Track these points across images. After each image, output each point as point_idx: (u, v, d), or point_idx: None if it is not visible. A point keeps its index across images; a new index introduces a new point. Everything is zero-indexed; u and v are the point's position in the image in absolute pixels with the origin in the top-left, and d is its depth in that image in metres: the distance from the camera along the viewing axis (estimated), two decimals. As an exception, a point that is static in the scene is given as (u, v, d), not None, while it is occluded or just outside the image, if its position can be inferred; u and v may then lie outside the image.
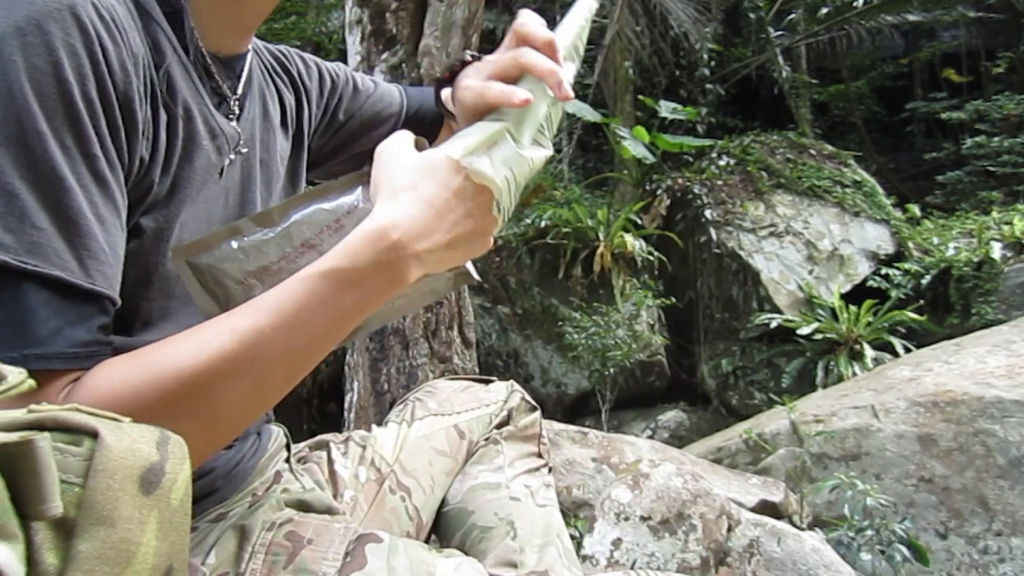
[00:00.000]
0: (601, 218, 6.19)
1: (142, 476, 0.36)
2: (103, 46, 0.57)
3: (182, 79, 0.68)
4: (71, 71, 0.55)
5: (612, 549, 2.15)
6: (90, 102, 0.56)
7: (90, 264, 0.55)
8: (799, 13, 9.61)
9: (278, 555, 0.66)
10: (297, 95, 0.91)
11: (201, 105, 0.70)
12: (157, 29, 0.67)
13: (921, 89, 11.12)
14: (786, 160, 6.95)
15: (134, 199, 0.63)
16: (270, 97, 0.85)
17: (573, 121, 8.52)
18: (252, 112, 0.80)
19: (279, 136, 0.85)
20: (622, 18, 7.87)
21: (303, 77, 0.94)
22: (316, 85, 0.95)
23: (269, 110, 0.84)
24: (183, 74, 0.68)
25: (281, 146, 0.86)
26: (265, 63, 0.88)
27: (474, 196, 0.63)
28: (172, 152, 0.66)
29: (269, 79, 0.87)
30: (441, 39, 3.67)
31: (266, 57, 0.89)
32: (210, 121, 0.71)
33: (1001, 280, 5.67)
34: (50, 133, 0.53)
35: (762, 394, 5.77)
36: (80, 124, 0.55)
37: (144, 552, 0.35)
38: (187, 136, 0.68)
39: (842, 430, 3.15)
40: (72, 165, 0.54)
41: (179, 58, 0.68)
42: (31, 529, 0.31)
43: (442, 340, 3.41)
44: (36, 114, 0.53)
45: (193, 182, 0.68)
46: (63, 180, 0.54)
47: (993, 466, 2.84)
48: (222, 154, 0.72)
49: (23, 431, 0.32)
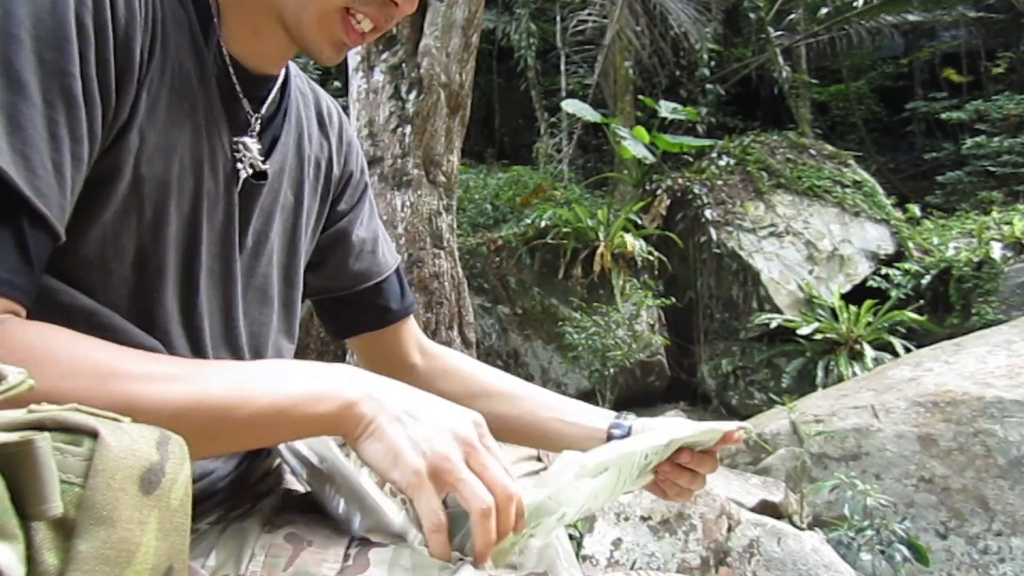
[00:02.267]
0: (601, 218, 6.19)
1: (142, 476, 0.36)
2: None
3: (197, 79, 0.68)
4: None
5: (612, 549, 2.15)
6: (83, 27, 0.56)
7: (28, 175, 0.53)
8: (799, 13, 9.61)
9: (278, 557, 0.66)
10: (329, 156, 0.89)
11: (214, 108, 0.70)
12: (185, 20, 0.67)
13: (921, 89, 11.12)
14: (786, 160, 6.95)
15: (125, 152, 0.62)
16: (307, 138, 0.84)
17: (573, 121, 8.52)
18: (287, 143, 0.79)
19: (310, 179, 0.84)
20: (622, 18, 7.88)
21: (346, 150, 0.92)
22: (343, 166, 0.92)
23: (306, 148, 0.83)
24: (199, 74, 0.68)
25: (309, 191, 0.84)
26: (313, 108, 0.87)
27: None
28: (177, 130, 0.66)
29: (316, 124, 0.87)
30: (441, 39, 3.67)
31: (317, 104, 0.88)
32: (212, 127, 0.70)
33: (1001, 280, 5.67)
34: (29, 42, 0.53)
35: (762, 394, 5.77)
36: (64, 42, 0.55)
37: (144, 552, 0.35)
38: (193, 129, 0.68)
39: (842, 430, 3.15)
40: (44, 78, 0.54)
41: (199, 57, 0.68)
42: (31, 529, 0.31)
43: (442, 340, 3.41)
44: (22, 21, 0.53)
45: (194, 175, 0.68)
46: (24, 87, 0.53)
47: (993, 466, 2.84)
48: (217, 162, 0.71)
49: (23, 431, 0.32)
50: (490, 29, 9.35)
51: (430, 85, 3.61)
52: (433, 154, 3.66)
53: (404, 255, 3.52)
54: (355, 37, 0.70)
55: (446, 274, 3.62)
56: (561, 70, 9.18)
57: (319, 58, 0.72)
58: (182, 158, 0.67)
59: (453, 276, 3.67)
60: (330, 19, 0.68)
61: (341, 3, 0.67)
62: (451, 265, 3.68)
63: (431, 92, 3.61)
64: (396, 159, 3.60)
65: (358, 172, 0.94)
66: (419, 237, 3.57)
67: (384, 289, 0.95)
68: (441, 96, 3.65)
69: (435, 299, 3.52)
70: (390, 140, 3.61)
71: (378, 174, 3.60)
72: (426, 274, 3.52)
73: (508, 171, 8.44)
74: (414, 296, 1.17)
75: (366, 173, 0.97)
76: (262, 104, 0.76)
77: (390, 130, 3.62)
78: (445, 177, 3.71)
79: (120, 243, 0.64)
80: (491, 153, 10.78)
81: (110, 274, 0.64)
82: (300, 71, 0.89)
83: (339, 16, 0.68)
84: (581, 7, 8.90)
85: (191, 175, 0.69)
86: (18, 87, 0.53)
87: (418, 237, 3.57)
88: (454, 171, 3.79)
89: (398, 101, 3.62)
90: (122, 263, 0.65)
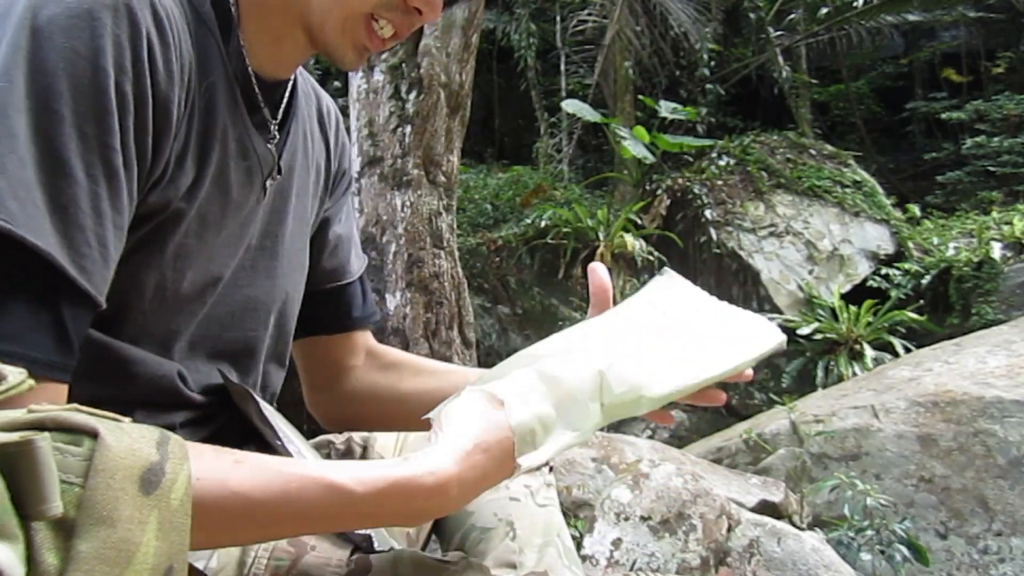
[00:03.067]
0: (601, 218, 6.19)
1: (142, 476, 0.36)
2: (150, 45, 0.57)
3: (224, 94, 0.68)
4: (111, 62, 0.54)
5: (612, 549, 2.15)
6: (123, 96, 0.56)
7: (71, 254, 0.53)
8: (799, 13, 9.61)
9: (281, 560, 0.66)
10: (328, 156, 0.90)
11: (238, 124, 0.70)
12: (210, 40, 0.67)
13: (921, 89, 11.13)
14: (786, 160, 6.95)
15: (157, 205, 0.62)
16: (310, 138, 0.85)
17: (573, 121, 8.52)
18: (294, 144, 0.80)
19: (312, 179, 0.85)
20: (622, 18, 7.88)
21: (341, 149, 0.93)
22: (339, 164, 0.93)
23: (309, 148, 0.84)
24: (226, 89, 0.68)
25: (313, 189, 0.86)
26: (315, 108, 0.88)
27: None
28: (205, 166, 0.66)
29: (317, 124, 0.87)
30: (441, 39, 3.67)
31: (318, 104, 0.89)
32: (244, 140, 0.70)
33: (1001, 280, 5.67)
34: (70, 117, 0.53)
35: (762, 394, 5.77)
36: (105, 114, 0.55)
37: (144, 552, 0.35)
38: (221, 154, 0.68)
39: (842, 430, 3.15)
40: (85, 153, 0.54)
41: (225, 72, 0.68)
42: (31, 529, 0.31)
43: (442, 340, 3.41)
44: (62, 94, 0.53)
45: (220, 201, 0.68)
46: (66, 165, 0.53)
47: (993, 466, 2.84)
48: (252, 175, 0.72)
49: (23, 431, 0.32)
50: (490, 29, 9.35)
51: (430, 85, 3.61)
52: (433, 154, 3.66)
53: (404, 255, 3.52)
54: (377, 43, 0.70)
55: (446, 274, 3.62)
56: (561, 70, 9.18)
57: (341, 63, 0.72)
58: (208, 189, 0.67)
59: (453, 276, 3.67)
60: (355, 24, 0.68)
61: (367, 8, 0.68)
62: (451, 265, 3.68)
63: (431, 92, 3.61)
64: (396, 159, 3.60)
65: (347, 169, 0.95)
66: (419, 237, 3.57)
67: (348, 292, 0.93)
68: (441, 96, 3.65)
69: (435, 299, 3.51)
70: (390, 140, 3.61)
71: (378, 174, 3.60)
72: (426, 274, 3.52)
73: (508, 171, 8.44)
74: (413, 296, 1.17)
75: (352, 171, 0.98)
76: (277, 109, 0.77)
77: (390, 130, 3.62)
78: (445, 177, 3.71)
79: (140, 279, 0.65)
80: (491, 153, 10.78)
81: (129, 309, 0.65)
82: (303, 70, 0.89)
83: (363, 21, 0.68)
84: (581, 7, 8.90)
85: (216, 204, 0.69)
86: (60, 165, 0.53)
87: (418, 237, 3.57)
88: (454, 171, 3.79)
89: (398, 101, 3.62)
90: (141, 298, 0.65)
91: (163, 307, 0.67)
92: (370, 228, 3.58)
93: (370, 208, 3.60)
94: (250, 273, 0.76)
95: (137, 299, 0.65)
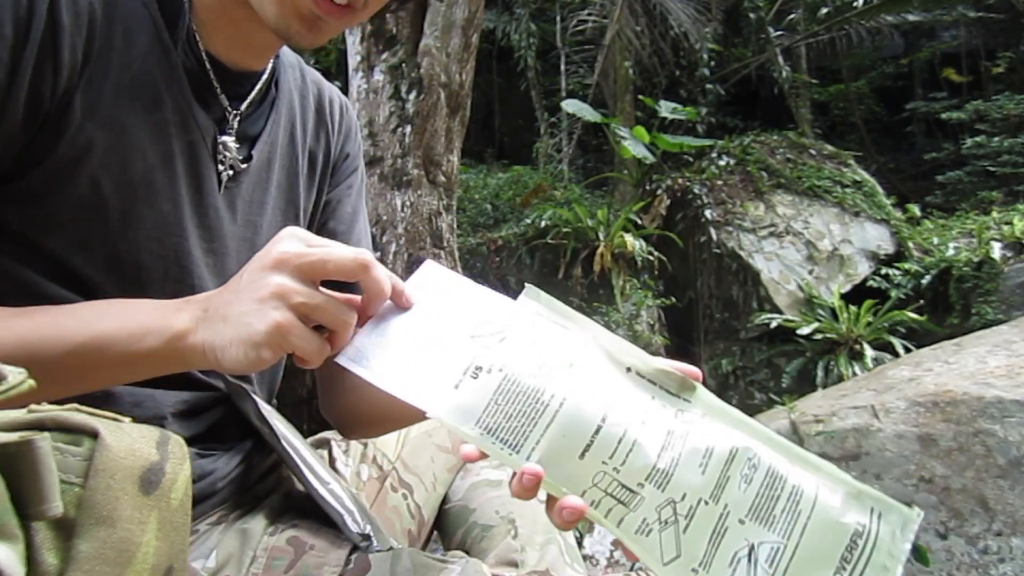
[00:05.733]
0: (601, 218, 6.19)
1: (142, 476, 0.36)
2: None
3: (159, 64, 0.67)
4: None
5: (612, 549, 2.15)
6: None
7: None
8: (799, 13, 9.61)
9: (279, 560, 0.66)
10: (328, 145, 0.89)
11: (177, 97, 0.69)
12: (139, 9, 0.66)
13: (921, 89, 11.12)
14: (786, 160, 6.95)
15: (73, 154, 0.63)
16: (300, 129, 0.84)
17: (573, 121, 8.52)
18: (274, 136, 0.79)
19: (304, 171, 0.84)
20: (622, 18, 7.87)
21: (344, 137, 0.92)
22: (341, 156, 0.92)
23: (298, 140, 0.83)
24: (161, 59, 0.67)
25: (305, 182, 0.85)
26: (312, 99, 0.87)
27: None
28: (107, 119, 0.65)
29: (314, 113, 0.86)
30: (441, 39, 3.67)
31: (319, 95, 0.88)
32: (185, 113, 0.70)
33: (1001, 280, 5.66)
34: None
35: (762, 394, 5.77)
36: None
37: (144, 552, 0.35)
38: (147, 118, 0.67)
39: (842, 430, 3.14)
40: None
41: (160, 43, 0.67)
42: (31, 529, 0.31)
43: (442, 340, 3.41)
44: None
45: (143, 164, 0.67)
46: None
47: (993, 466, 2.84)
48: (195, 148, 0.70)
49: (23, 431, 0.32)
50: (490, 29, 9.34)
51: (430, 85, 3.61)
52: (433, 154, 3.66)
53: (404, 255, 3.52)
54: (326, 6, 0.65)
55: (446, 274, 3.61)
56: (561, 70, 9.17)
57: (295, 39, 0.68)
58: (145, 158, 0.67)
59: (453, 276, 3.67)
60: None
61: None
62: (451, 265, 3.68)
63: (431, 92, 3.61)
64: (396, 159, 3.60)
65: (353, 154, 0.94)
66: (419, 237, 3.57)
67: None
68: (441, 96, 3.65)
69: (435, 299, 3.51)
70: (390, 140, 3.61)
71: (378, 174, 3.60)
72: (426, 274, 3.52)
73: (508, 171, 8.43)
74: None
75: (361, 158, 0.97)
76: (243, 100, 0.76)
77: (390, 130, 3.62)
78: (445, 177, 3.71)
79: (89, 246, 0.65)
80: (491, 153, 10.77)
81: (86, 275, 0.65)
82: (309, 68, 0.89)
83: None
84: (581, 7, 8.89)
85: (163, 174, 0.68)
86: None
87: (418, 237, 3.57)
88: (454, 171, 3.79)
89: (398, 101, 3.62)
90: (95, 268, 0.65)
91: (134, 285, 0.67)
92: (370, 228, 3.58)
93: (370, 208, 3.60)
94: (222, 260, 0.75)
95: (92, 270, 0.65)
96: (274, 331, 0.55)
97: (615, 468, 0.51)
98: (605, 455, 0.52)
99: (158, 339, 0.58)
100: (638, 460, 0.51)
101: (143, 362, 0.59)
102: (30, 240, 0.62)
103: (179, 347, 0.58)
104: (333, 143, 0.89)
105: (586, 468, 0.51)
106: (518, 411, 0.53)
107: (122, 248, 0.66)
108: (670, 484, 0.51)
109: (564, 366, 0.54)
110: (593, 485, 0.51)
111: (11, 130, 0.60)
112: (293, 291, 0.56)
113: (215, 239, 0.73)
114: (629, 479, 0.51)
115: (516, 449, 0.52)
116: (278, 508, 0.77)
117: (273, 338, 0.55)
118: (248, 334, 0.55)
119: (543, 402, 0.52)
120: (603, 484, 0.51)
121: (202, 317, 0.59)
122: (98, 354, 0.58)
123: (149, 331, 0.58)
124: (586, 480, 0.51)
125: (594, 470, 0.51)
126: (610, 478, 0.51)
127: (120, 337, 0.58)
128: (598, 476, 0.51)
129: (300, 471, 0.72)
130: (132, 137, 0.66)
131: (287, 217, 0.82)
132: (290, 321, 0.55)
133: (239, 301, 0.57)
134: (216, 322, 0.57)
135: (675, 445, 0.52)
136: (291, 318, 0.55)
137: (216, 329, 0.57)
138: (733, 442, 0.53)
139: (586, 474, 0.51)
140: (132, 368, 0.60)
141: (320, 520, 0.72)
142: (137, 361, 0.59)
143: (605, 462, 0.51)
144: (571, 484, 0.51)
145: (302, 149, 0.84)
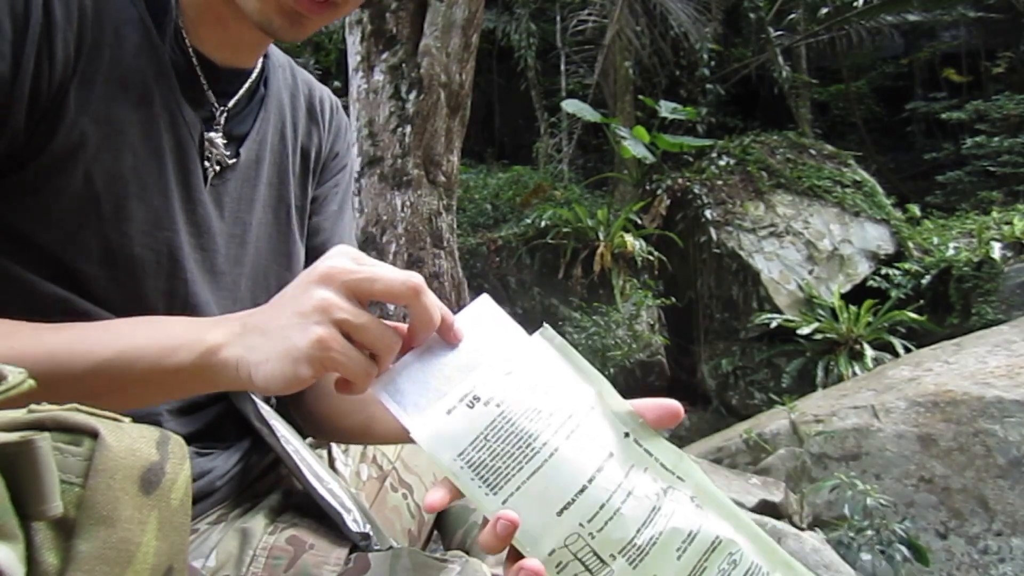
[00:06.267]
0: (601, 218, 6.19)
1: (142, 476, 0.36)
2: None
3: (147, 60, 0.68)
4: None
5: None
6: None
7: None
8: (799, 13, 9.61)
9: (279, 559, 0.66)
10: (319, 144, 0.89)
11: (166, 93, 0.69)
12: (133, 13, 0.67)
13: (921, 89, 11.12)
14: (786, 160, 6.95)
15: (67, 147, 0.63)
16: (290, 127, 0.84)
17: (573, 121, 8.52)
18: (263, 134, 0.79)
19: (296, 168, 0.85)
20: (622, 18, 7.88)
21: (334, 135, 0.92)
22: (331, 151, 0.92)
23: (288, 137, 0.83)
24: (149, 55, 0.68)
25: (296, 179, 0.85)
26: (304, 99, 0.87)
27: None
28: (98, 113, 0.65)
29: (305, 112, 0.87)
30: (441, 39, 3.67)
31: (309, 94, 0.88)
32: (172, 108, 0.70)
33: (1001, 280, 5.66)
34: None
35: (762, 394, 5.77)
36: None
37: (144, 552, 0.35)
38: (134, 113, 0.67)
39: (842, 430, 3.15)
40: None
41: (149, 40, 0.68)
42: (31, 529, 0.31)
43: (442, 340, 3.41)
44: None
45: (133, 158, 0.67)
46: None
47: (993, 466, 2.84)
48: (183, 144, 0.71)
49: (23, 431, 0.32)
50: (490, 29, 9.34)
51: (430, 85, 3.61)
52: (433, 154, 3.66)
53: (404, 255, 3.52)
54: (306, 3, 0.64)
55: (446, 274, 3.62)
56: (561, 70, 9.17)
57: (278, 33, 0.68)
58: (135, 152, 0.67)
59: (453, 276, 3.67)
60: None
61: None
62: (451, 265, 3.68)
63: (431, 92, 3.61)
64: (396, 159, 3.60)
65: (342, 153, 0.94)
66: (419, 237, 3.57)
67: None
68: (441, 96, 3.65)
69: (435, 299, 3.51)
70: (390, 140, 3.61)
71: (378, 174, 3.60)
72: (426, 274, 3.52)
73: (508, 171, 8.43)
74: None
75: (349, 157, 0.97)
76: (232, 97, 0.76)
77: (390, 130, 3.62)
78: (445, 177, 3.71)
79: (82, 240, 0.65)
80: (491, 153, 10.77)
81: (79, 270, 0.65)
82: (300, 68, 0.89)
83: None
84: (581, 7, 8.90)
85: (153, 168, 0.68)
86: None
87: (418, 237, 3.57)
88: (454, 171, 3.79)
89: (398, 101, 3.62)
90: (89, 261, 0.65)
91: (127, 279, 0.67)
92: (370, 228, 3.58)
93: (370, 208, 3.60)
94: (211, 256, 0.75)
95: (86, 263, 0.65)
96: (315, 345, 0.52)
97: (591, 533, 0.49)
98: (584, 517, 0.50)
99: (189, 353, 0.56)
100: (616, 531, 0.49)
101: (172, 378, 0.57)
102: (23, 235, 0.63)
103: (211, 362, 0.56)
104: (324, 141, 0.90)
105: (561, 527, 0.49)
106: (506, 451, 0.50)
107: (115, 242, 0.66)
108: (643, 564, 0.49)
109: (563, 416, 0.53)
110: (564, 546, 0.49)
111: (16, 124, 0.60)
112: (337, 306, 0.53)
113: (203, 235, 0.73)
114: (602, 548, 0.49)
115: (495, 491, 0.50)
116: (277, 507, 0.77)
117: (314, 352, 0.52)
118: (287, 348, 0.53)
119: (534, 448, 0.51)
120: (575, 547, 0.49)
121: (238, 332, 0.56)
122: (127, 368, 0.56)
123: (181, 345, 0.56)
124: (558, 539, 0.49)
125: (569, 530, 0.49)
126: (583, 542, 0.49)
127: (151, 351, 0.56)
128: (571, 538, 0.49)
129: (299, 471, 0.72)
130: (123, 132, 0.66)
131: (277, 215, 0.82)
132: (332, 336, 0.52)
133: (280, 315, 0.55)
134: (253, 336, 0.55)
135: (657, 523, 0.50)
136: (334, 333, 0.53)
137: (252, 343, 0.55)
138: (718, 531, 0.51)
139: (560, 533, 0.49)
140: (162, 384, 0.58)
141: (320, 519, 0.72)
142: (167, 377, 0.56)
143: (583, 524, 0.49)
144: (541, 539, 0.49)
145: (293, 147, 0.84)
